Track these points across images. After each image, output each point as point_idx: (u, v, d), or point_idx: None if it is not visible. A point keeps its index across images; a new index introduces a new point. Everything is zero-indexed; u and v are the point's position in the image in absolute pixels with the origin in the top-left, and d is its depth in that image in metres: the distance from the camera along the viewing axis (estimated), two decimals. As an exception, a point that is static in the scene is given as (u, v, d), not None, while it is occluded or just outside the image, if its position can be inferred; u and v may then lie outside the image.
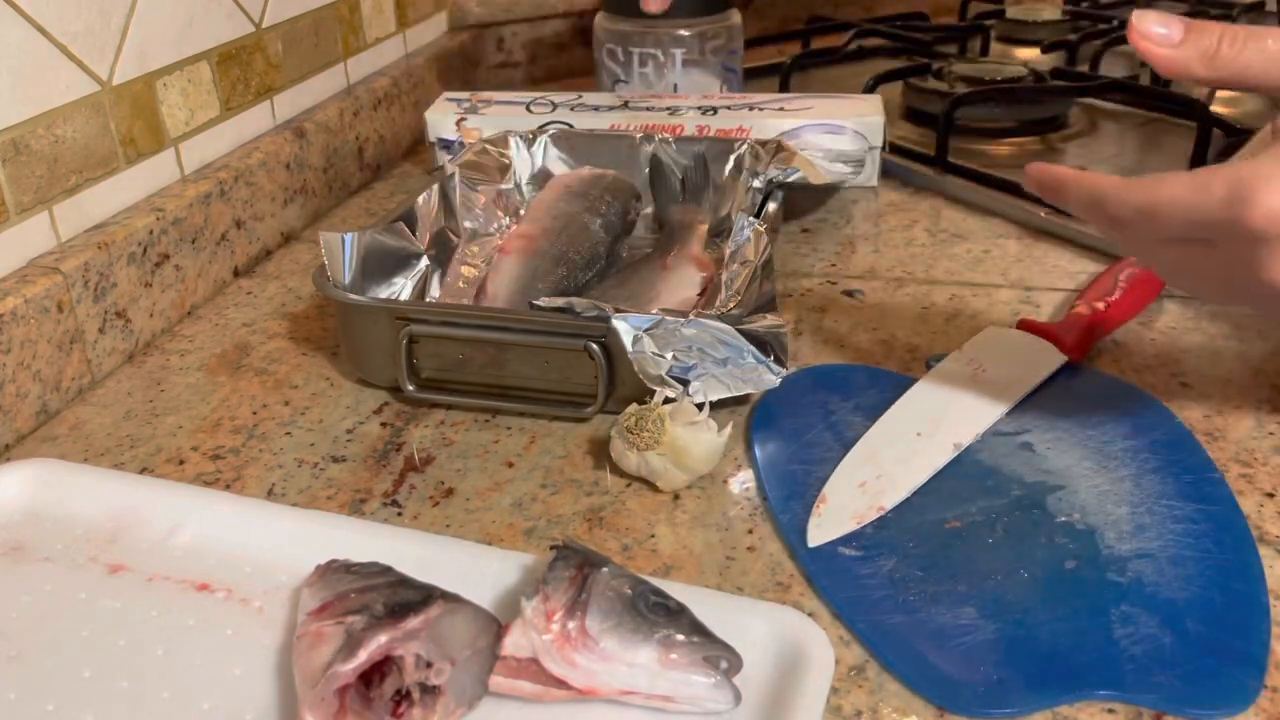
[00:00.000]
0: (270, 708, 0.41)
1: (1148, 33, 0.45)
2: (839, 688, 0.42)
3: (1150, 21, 0.46)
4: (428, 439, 0.59)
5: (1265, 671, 0.42)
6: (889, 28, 1.29)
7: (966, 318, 0.70)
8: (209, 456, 0.58)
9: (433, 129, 0.92)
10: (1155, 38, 0.45)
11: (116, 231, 0.67)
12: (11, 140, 0.61)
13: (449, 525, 0.52)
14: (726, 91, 1.00)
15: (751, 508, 0.53)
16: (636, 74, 1.00)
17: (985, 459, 0.55)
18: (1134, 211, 0.45)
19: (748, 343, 0.56)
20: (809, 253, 0.80)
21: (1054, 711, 0.41)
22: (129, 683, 0.42)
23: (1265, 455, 0.55)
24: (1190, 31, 0.45)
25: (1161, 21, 0.46)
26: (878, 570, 0.48)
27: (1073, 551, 0.48)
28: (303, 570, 0.45)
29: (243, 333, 0.72)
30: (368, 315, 0.61)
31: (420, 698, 0.39)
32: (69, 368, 0.63)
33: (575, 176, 0.79)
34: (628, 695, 0.39)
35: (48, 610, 0.46)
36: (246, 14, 0.82)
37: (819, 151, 0.86)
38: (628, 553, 0.50)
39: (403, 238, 0.68)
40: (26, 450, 0.59)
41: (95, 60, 0.67)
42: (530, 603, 0.40)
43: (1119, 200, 0.45)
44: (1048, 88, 1.03)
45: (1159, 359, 0.64)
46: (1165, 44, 0.45)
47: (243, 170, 0.79)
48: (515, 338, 0.59)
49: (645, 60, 0.98)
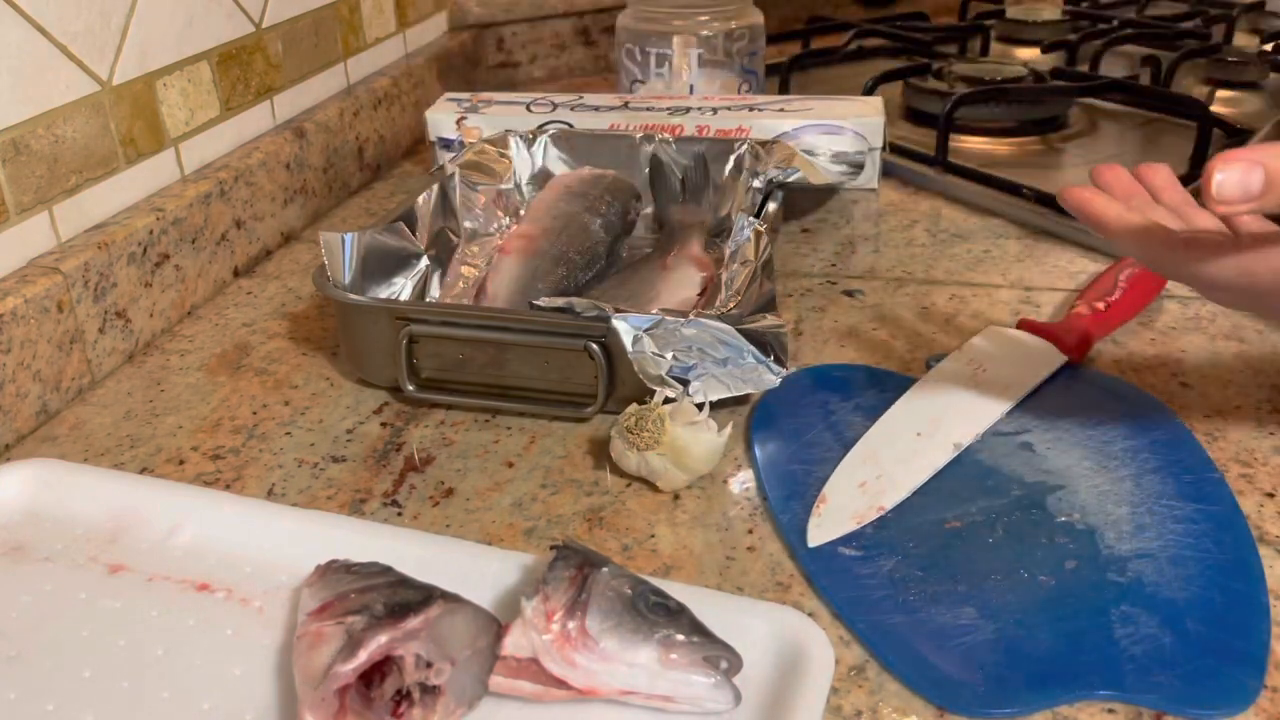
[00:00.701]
0: (270, 708, 0.41)
1: (1227, 196, 0.40)
2: (839, 688, 0.42)
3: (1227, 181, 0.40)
4: (428, 439, 0.59)
5: (1265, 671, 0.42)
6: (889, 28, 1.29)
7: (966, 318, 0.70)
8: (209, 456, 0.58)
9: (433, 129, 0.92)
10: (1234, 197, 0.40)
11: (116, 231, 0.67)
12: (11, 140, 0.61)
13: (449, 525, 0.52)
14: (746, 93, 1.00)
15: (751, 508, 0.53)
16: (653, 73, 0.99)
17: (985, 459, 0.55)
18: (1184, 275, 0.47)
19: (748, 343, 0.56)
20: (809, 253, 0.80)
21: (1054, 711, 0.41)
22: (129, 683, 0.42)
23: (1265, 455, 0.55)
24: (1271, 181, 0.40)
25: (1238, 174, 0.40)
26: (878, 570, 0.48)
27: (1073, 551, 0.48)
28: (303, 570, 0.45)
29: (243, 333, 0.72)
30: (368, 315, 0.61)
31: (420, 698, 0.39)
32: (69, 368, 0.63)
33: (575, 176, 0.79)
34: (628, 695, 0.39)
35: (48, 610, 0.46)
36: (246, 14, 0.82)
37: (819, 153, 0.86)
38: (628, 553, 0.50)
39: (403, 238, 0.68)
40: (26, 450, 0.59)
41: (95, 60, 0.67)
42: (530, 603, 0.40)
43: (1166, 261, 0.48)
44: (1048, 88, 1.03)
45: (1159, 359, 0.64)
46: (1246, 200, 0.40)
47: (243, 170, 0.79)
48: (515, 338, 0.59)
49: (662, 61, 0.98)
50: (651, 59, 0.99)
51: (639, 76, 1.00)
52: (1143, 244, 0.48)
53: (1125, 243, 0.49)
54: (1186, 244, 0.47)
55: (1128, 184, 0.54)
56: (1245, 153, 0.41)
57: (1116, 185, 0.53)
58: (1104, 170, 0.54)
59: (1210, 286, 0.47)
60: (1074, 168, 0.94)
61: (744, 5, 1.00)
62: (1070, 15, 1.37)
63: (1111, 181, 0.54)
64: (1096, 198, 0.51)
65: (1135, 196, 0.53)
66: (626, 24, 1.01)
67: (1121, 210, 0.50)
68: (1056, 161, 0.95)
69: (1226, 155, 0.41)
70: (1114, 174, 0.54)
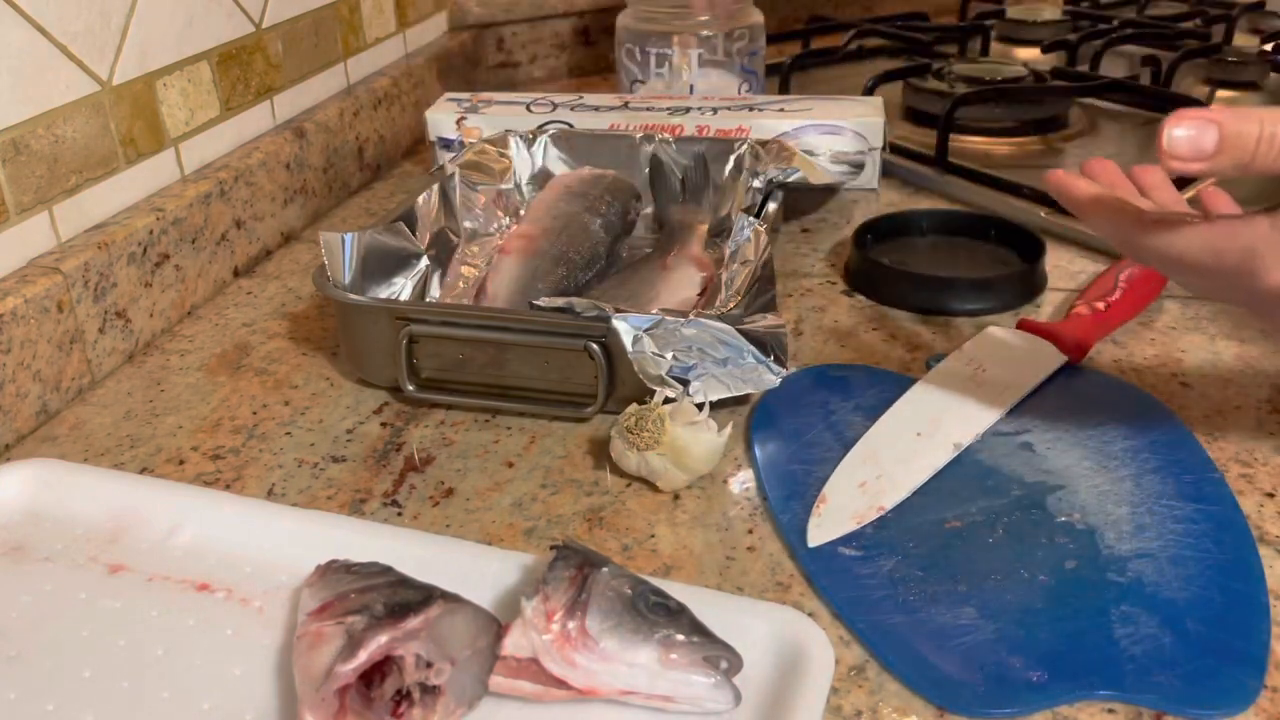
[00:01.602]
0: (270, 708, 0.41)
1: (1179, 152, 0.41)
2: (839, 688, 0.42)
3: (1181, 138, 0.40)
4: (428, 439, 0.59)
5: (1265, 671, 0.42)
6: (889, 28, 1.29)
7: (967, 317, 0.70)
8: (209, 456, 0.58)
9: (433, 128, 0.92)
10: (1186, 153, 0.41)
11: (116, 231, 0.67)
12: (11, 140, 0.61)
13: (449, 525, 0.52)
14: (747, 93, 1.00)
15: (751, 508, 0.53)
16: (653, 73, 0.99)
17: (985, 459, 0.55)
18: (1153, 255, 0.47)
19: (748, 343, 0.56)
20: (809, 253, 0.80)
21: (1054, 711, 0.41)
22: (129, 683, 0.42)
23: (1265, 455, 0.55)
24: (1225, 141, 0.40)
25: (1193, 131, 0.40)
26: (878, 570, 0.48)
27: (1073, 551, 0.48)
28: (303, 570, 0.45)
29: (243, 333, 0.72)
30: (368, 315, 0.61)
31: (420, 698, 0.39)
32: (69, 368, 0.63)
33: (575, 176, 0.79)
34: (628, 695, 0.39)
35: (48, 610, 0.46)
36: (246, 14, 0.82)
37: (819, 153, 0.86)
38: (628, 553, 0.50)
39: (403, 238, 0.68)
40: (26, 450, 0.59)
41: (95, 60, 0.67)
42: (530, 603, 0.40)
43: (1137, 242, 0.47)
44: (1048, 88, 1.03)
45: (1159, 359, 0.64)
46: (1198, 158, 0.41)
47: (243, 170, 0.79)
48: (515, 338, 0.59)
49: (662, 60, 0.98)
50: (651, 59, 0.98)
51: (639, 76, 1.00)
52: (1114, 222, 0.48)
53: (1097, 221, 0.49)
54: (1156, 223, 0.46)
55: (1114, 176, 0.54)
56: (1201, 111, 0.41)
57: (1103, 175, 0.54)
58: (1094, 162, 0.55)
59: (1178, 267, 0.47)
60: (1074, 168, 0.93)
61: (744, 5, 1.00)
62: (1070, 15, 1.37)
63: (1099, 172, 0.54)
64: (1076, 179, 0.51)
65: (1119, 187, 0.53)
66: (627, 24, 1.01)
67: (1099, 190, 0.50)
68: (1056, 161, 0.95)
69: (1181, 112, 0.41)
70: (1102, 166, 0.55)
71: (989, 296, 0.70)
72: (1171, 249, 0.46)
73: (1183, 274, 0.47)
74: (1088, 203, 0.50)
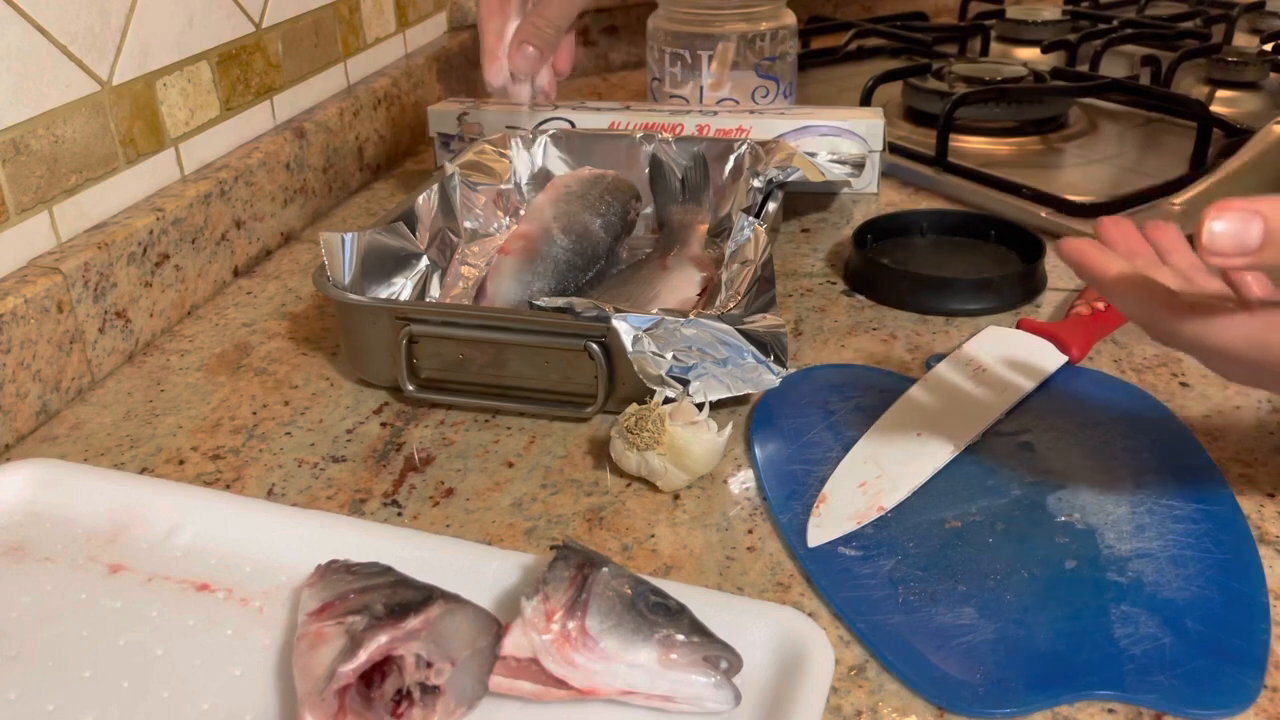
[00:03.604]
0: (270, 708, 0.41)
1: (1221, 248, 0.37)
2: (839, 688, 0.42)
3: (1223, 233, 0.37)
4: (428, 439, 0.59)
5: (1265, 671, 0.42)
6: (889, 28, 1.29)
7: (967, 318, 0.70)
8: (209, 456, 0.58)
9: (434, 126, 0.92)
10: (1229, 250, 0.37)
11: (116, 231, 0.67)
12: (11, 140, 0.61)
13: (449, 525, 0.52)
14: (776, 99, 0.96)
15: (751, 508, 0.53)
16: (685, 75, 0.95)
17: (985, 459, 0.55)
18: (1188, 343, 0.44)
19: (748, 343, 0.56)
20: (809, 253, 0.80)
21: (1054, 711, 0.41)
22: (129, 683, 0.42)
23: (1265, 455, 0.55)
24: (1271, 235, 0.37)
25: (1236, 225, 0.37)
26: (878, 570, 0.48)
27: (1073, 551, 0.48)
28: (303, 570, 0.45)
29: (243, 333, 0.72)
30: (368, 315, 0.61)
31: (420, 698, 0.39)
32: (69, 368, 0.63)
33: (575, 177, 0.79)
34: (628, 695, 0.39)
35: (48, 610, 0.46)
36: (246, 14, 0.82)
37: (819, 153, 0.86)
38: (628, 553, 0.50)
39: (403, 238, 0.68)
40: (26, 450, 0.59)
41: (95, 60, 0.67)
42: (530, 603, 0.40)
43: (1171, 328, 0.44)
44: (1048, 88, 1.03)
45: (1159, 359, 0.64)
46: (1242, 254, 0.37)
47: (243, 170, 0.79)
48: (515, 338, 0.59)
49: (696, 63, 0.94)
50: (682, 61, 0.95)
51: (669, 78, 0.97)
52: (1143, 304, 0.45)
53: (1125, 302, 0.46)
54: (1192, 308, 0.43)
55: (1133, 240, 0.50)
56: (1243, 202, 0.37)
57: (1121, 241, 0.50)
58: (1109, 224, 0.51)
59: (1217, 356, 0.43)
60: (1074, 167, 0.94)
61: (777, 6, 0.95)
62: (1070, 15, 1.37)
63: (1116, 237, 0.50)
64: (1096, 251, 0.47)
65: (1140, 255, 0.49)
66: (659, 25, 0.96)
67: (1123, 266, 0.46)
68: (1056, 161, 0.95)
69: (1223, 204, 0.37)
70: (1119, 229, 0.51)
71: (989, 296, 0.70)
72: (1211, 339, 0.43)
73: (1223, 364, 0.44)
74: (1112, 283, 0.46)
